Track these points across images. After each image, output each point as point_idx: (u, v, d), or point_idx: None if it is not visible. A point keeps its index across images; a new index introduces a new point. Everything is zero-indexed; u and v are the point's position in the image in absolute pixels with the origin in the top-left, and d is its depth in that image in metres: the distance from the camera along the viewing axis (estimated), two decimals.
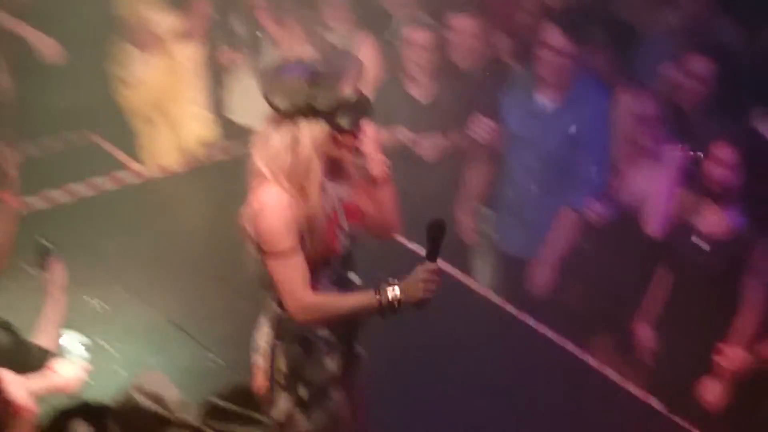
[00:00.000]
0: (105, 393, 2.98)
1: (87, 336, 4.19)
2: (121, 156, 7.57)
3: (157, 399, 2.84)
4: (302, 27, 6.86)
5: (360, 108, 3.86)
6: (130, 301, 6.09)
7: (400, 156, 6.29)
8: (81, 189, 7.19)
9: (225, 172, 7.28)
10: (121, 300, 6.09)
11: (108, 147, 7.67)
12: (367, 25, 6.88)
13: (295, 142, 3.80)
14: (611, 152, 5.87)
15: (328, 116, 3.79)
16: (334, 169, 3.92)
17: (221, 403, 2.80)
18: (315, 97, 3.76)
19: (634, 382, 5.52)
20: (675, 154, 5.52)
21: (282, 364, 4.07)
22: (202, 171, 7.37)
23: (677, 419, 5.36)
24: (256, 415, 2.81)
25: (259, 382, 4.12)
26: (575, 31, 5.81)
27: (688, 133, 5.60)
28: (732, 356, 5.04)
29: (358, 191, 4.03)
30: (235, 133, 7.40)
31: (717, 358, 5.08)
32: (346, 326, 4.09)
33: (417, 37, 6.32)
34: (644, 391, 5.49)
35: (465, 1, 6.52)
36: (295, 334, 4.04)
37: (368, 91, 6.50)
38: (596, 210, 5.72)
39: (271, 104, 3.83)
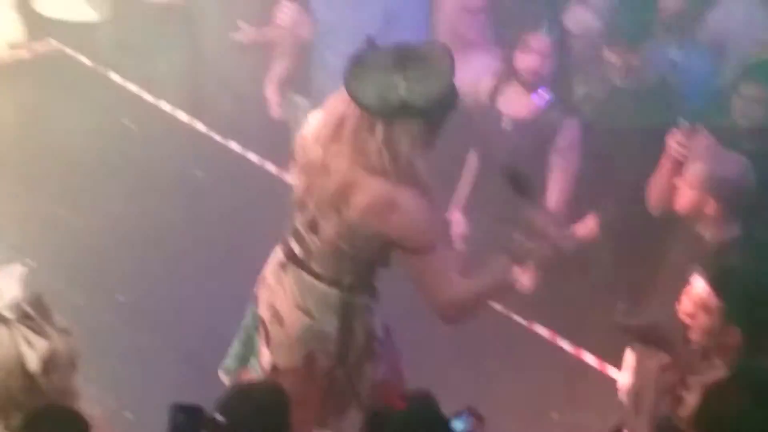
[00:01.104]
0: None
1: None
2: None
3: None
4: None
5: (451, 100, 3.60)
6: None
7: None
8: None
9: (30, 71, 7.08)
10: None
11: None
12: None
13: (391, 144, 3.51)
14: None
15: (424, 113, 3.51)
16: None
17: (28, 309, 2.84)
18: (411, 94, 3.46)
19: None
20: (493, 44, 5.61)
21: (361, 339, 3.90)
22: (5, 71, 7.13)
23: (494, 304, 5.48)
24: (48, 328, 2.86)
25: (322, 364, 3.92)
26: None
27: (504, 23, 5.71)
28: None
29: None
30: (41, 27, 7.17)
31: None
32: None
33: None
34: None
35: None
36: (364, 307, 3.89)
37: None
38: None
39: (360, 104, 3.51)
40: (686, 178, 4.42)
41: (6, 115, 6.88)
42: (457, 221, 5.52)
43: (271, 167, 6.26)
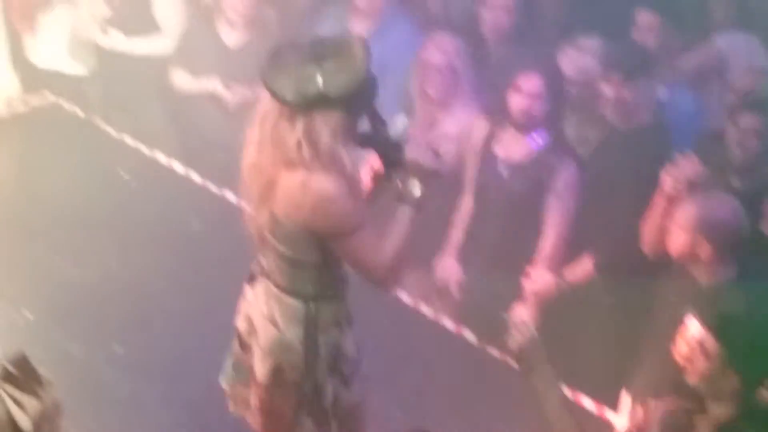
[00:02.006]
0: None
1: None
2: None
3: None
4: None
5: (369, 90, 3.68)
6: None
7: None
8: None
9: (26, 124, 7.09)
10: None
11: None
12: None
13: (311, 136, 3.59)
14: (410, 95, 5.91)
15: (343, 104, 3.60)
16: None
17: (11, 368, 2.83)
18: (328, 85, 3.55)
19: (446, 315, 5.57)
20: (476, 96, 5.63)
21: (325, 353, 3.92)
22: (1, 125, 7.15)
23: (491, 350, 5.46)
24: (38, 388, 2.85)
25: (289, 377, 3.95)
26: None
27: (490, 65, 5.73)
28: (539, 279, 5.19)
29: None
30: (36, 81, 7.19)
31: (525, 283, 5.22)
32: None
33: None
34: (457, 324, 5.57)
35: None
36: (331, 320, 3.91)
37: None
38: None
39: (278, 98, 3.59)
40: (678, 221, 4.43)
41: (2, 168, 6.90)
42: (452, 268, 5.51)
43: None
